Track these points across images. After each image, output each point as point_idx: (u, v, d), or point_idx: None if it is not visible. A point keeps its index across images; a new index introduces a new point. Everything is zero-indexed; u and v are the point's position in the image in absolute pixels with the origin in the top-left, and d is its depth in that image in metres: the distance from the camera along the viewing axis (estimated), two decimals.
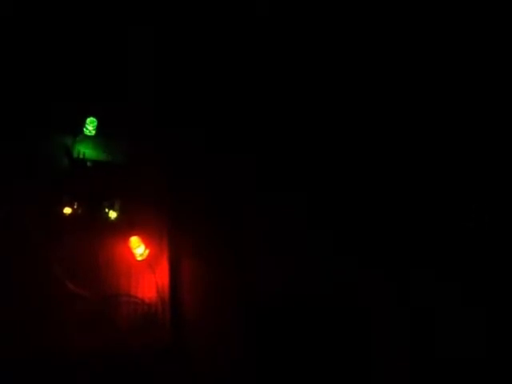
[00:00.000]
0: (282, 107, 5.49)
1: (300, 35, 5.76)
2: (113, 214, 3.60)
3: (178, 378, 3.20)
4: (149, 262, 3.50)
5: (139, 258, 3.47)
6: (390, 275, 4.27)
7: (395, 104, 5.44)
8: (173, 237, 3.78)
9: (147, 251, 3.49)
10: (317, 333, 3.77)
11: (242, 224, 4.49)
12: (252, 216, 4.60)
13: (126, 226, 3.54)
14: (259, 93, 5.53)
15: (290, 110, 5.49)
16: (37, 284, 3.22)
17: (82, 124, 3.94)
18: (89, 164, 3.77)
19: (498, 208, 4.67)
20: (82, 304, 3.21)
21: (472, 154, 5.05)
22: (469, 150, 5.07)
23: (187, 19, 5.58)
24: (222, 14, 5.69)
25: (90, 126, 3.91)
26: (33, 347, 2.99)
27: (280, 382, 3.52)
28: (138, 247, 3.43)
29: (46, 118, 3.98)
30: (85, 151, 3.87)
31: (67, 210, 3.51)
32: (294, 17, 5.80)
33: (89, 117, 3.91)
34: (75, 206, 3.52)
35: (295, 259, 4.28)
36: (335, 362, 3.66)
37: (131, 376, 3.10)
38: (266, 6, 5.84)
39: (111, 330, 3.17)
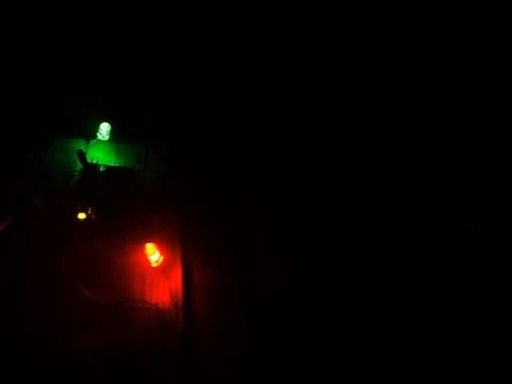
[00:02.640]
0: (282, 108, 5.53)
1: (300, 35, 5.78)
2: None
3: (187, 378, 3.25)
4: (163, 268, 3.53)
5: (154, 265, 3.49)
6: (389, 275, 4.36)
7: (395, 104, 5.49)
8: (184, 242, 3.80)
9: (162, 258, 3.51)
10: (317, 333, 3.82)
11: (242, 224, 4.54)
12: (252, 216, 4.64)
13: (140, 233, 3.54)
14: (259, 93, 5.54)
15: (290, 111, 5.52)
16: (49, 288, 3.22)
17: (95, 129, 3.93)
18: (102, 169, 3.76)
19: (498, 208, 4.74)
20: (96, 308, 3.23)
21: (471, 154, 5.13)
22: (468, 150, 5.15)
23: (187, 19, 5.56)
24: (221, 14, 5.69)
25: (104, 131, 3.89)
26: (43, 350, 3.01)
27: (280, 382, 3.57)
28: (154, 254, 3.45)
29: (59, 124, 3.98)
30: (98, 156, 3.87)
31: (81, 216, 3.50)
32: (293, 17, 5.82)
33: (102, 122, 3.89)
34: (89, 212, 3.52)
35: (295, 259, 4.34)
36: (335, 361, 3.72)
37: (144, 378, 3.14)
38: (266, 5, 5.85)
39: (125, 334, 3.20)
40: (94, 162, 3.80)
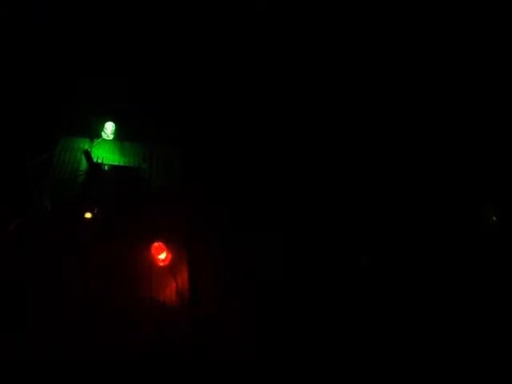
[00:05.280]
0: (282, 106, 5.55)
1: (300, 33, 5.80)
2: None
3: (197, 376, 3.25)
4: (170, 266, 3.52)
5: (161, 264, 3.49)
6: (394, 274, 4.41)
7: (401, 105, 5.52)
8: (190, 241, 3.81)
9: (169, 256, 3.52)
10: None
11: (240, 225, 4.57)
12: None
13: (148, 232, 3.54)
14: (260, 92, 5.56)
15: (290, 110, 5.55)
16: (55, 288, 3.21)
17: (100, 128, 3.92)
18: (106, 168, 3.75)
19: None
20: (105, 306, 3.22)
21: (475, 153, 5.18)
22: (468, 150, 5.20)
23: (187, 18, 5.56)
24: (221, 12, 5.70)
25: (109, 131, 3.88)
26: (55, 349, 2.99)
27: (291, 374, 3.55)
28: (161, 253, 3.45)
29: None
30: (103, 155, 3.86)
31: (88, 215, 3.49)
32: (293, 14, 5.84)
33: (107, 121, 3.88)
34: (95, 211, 3.51)
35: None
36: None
37: (154, 377, 3.14)
38: (266, 3, 5.86)
39: (135, 331, 3.19)
40: (99, 161, 3.79)
